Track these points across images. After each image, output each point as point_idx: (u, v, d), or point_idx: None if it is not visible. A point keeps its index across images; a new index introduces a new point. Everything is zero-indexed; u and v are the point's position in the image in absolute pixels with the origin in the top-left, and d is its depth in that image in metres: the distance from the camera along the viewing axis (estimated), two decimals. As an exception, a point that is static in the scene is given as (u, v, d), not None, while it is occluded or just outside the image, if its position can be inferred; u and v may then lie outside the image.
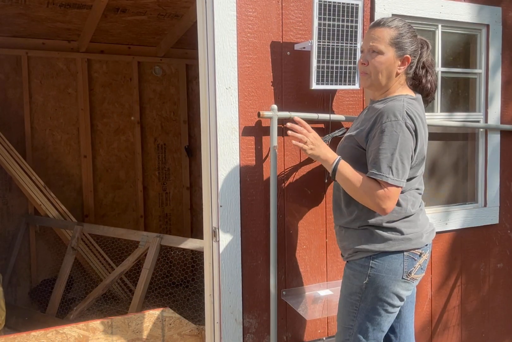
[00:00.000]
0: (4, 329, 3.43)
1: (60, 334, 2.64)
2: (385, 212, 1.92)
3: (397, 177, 1.89)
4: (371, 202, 1.92)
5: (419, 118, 1.97)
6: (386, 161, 1.89)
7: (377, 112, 1.97)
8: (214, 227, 2.33)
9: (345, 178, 1.96)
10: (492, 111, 3.05)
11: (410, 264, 2.02)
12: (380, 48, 1.99)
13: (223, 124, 2.28)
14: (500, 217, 3.13)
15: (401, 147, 1.89)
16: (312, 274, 2.55)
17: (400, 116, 1.91)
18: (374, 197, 1.90)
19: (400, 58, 2.01)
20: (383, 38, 1.99)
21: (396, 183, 1.89)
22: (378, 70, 2.00)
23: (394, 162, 1.89)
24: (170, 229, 5.48)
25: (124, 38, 4.95)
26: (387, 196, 1.90)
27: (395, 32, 1.99)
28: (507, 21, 3.05)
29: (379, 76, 2.02)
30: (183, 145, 5.47)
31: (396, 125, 1.90)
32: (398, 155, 1.89)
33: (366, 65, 2.02)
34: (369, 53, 2.02)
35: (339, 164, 1.98)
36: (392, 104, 1.96)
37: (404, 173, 1.91)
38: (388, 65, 2.00)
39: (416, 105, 2.01)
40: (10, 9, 4.04)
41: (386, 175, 1.88)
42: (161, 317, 2.81)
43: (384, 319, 2.05)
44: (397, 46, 1.99)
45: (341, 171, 1.97)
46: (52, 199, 4.53)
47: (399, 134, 1.89)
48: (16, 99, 4.68)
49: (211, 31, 2.25)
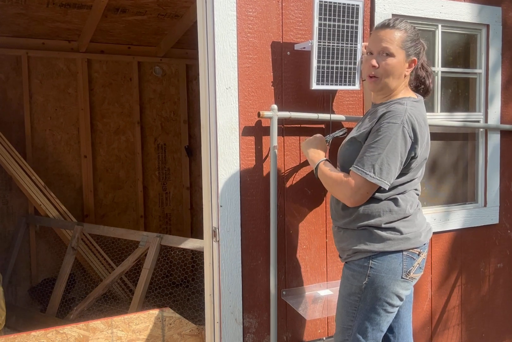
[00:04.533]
0: (4, 329, 3.43)
1: (60, 334, 2.64)
2: (350, 203, 1.97)
3: (378, 175, 1.90)
4: (341, 192, 1.97)
5: (421, 122, 1.98)
6: (371, 160, 1.91)
7: (380, 114, 1.98)
8: (214, 227, 2.33)
9: (324, 173, 2.06)
10: (492, 111, 3.05)
11: (409, 263, 2.02)
12: (392, 51, 1.98)
13: (223, 124, 2.28)
14: (500, 217, 3.13)
15: (390, 149, 1.90)
16: (312, 274, 2.55)
17: (400, 120, 1.91)
18: (347, 187, 1.95)
19: (408, 61, 2.01)
20: (394, 40, 1.98)
21: (374, 181, 1.91)
22: (389, 73, 1.99)
23: (378, 162, 1.90)
24: (170, 229, 5.48)
25: (124, 38, 4.95)
26: (358, 189, 1.93)
27: (404, 34, 1.99)
28: (507, 21, 3.05)
29: (390, 80, 2.01)
30: (183, 145, 5.47)
31: (392, 128, 1.91)
32: (385, 156, 1.90)
33: (377, 68, 2.00)
34: (379, 56, 2.00)
35: (323, 162, 2.10)
36: (395, 108, 1.96)
37: (388, 174, 1.91)
38: (399, 68, 2.00)
39: (419, 108, 2.02)
40: (10, 9, 4.05)
41: (366, 172, 1.91)
42: (161, 317, 2.81)
43: (383, 319, 2.05)
44: (406, 48, 1.99)
45: (322, 167, 2.08)
46: (52, 199, 4.53)
47: (392, 137, 1.90)
48: (16, 99, 4.69)
49: (211, 31, 2.25)
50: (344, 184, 1.95)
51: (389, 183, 1.93)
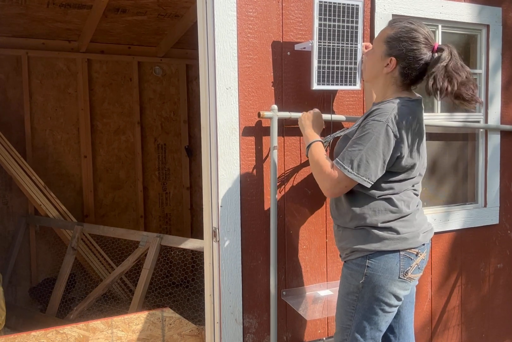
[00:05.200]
0: (4, 329, 3.43)
1: (60, 334, 2.64)
2: (329, 195, 2.04)
3: (356, 171, 1.92)
4: (321, 182, 2.01)
5: (412, 121, 1.97)
6: (351, 155, 1.93)
7: (370, 111, 2.01)
8: (214, 227, 2.33)
9: (313, 156, 2.07)
10: (492, 111, 3.05)
11: (406, 264, 2.02)
12: (374, 45, 2.09)
13: (223, 124, 2.28)
14: (500, 217, 3.13)
15: (371, 147, 1.91)
16: (312, 274, 2.55)
17: (384, 119, 1.92)
18: (327, 178, 1.98)
19: (387, 57, 2.01)
20: (380, 35, 2.05)
21: (351, 176, 1.92)
22: (366, 64, 2.13)
23: (358, 158, 1.92)
24: (170, 229, 5.48)
25: (124, 38, 4.95)
26: (337, 182, 1.96)
27: (392, 31, 2.01)
28: (507, 21, 3.05)
29: (366, 70, 2.13)
30: (183, 145, 5.47)
31: (376, 126, 1.92)
32: (365, 152, 1.91)
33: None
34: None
35: (316, 143, 2.11)
36: (384, 106, 1.98)
37: (366, 170, 1.92)
38: (375, 61, 2.05)
39: (412, 107, 2.00)
40: (10, 9, 4.04)
41: (345, 166, 1.93)
42: (161, 317, 2.81)
43: (381, 318, 2.05)
44: (388, 44, 2.01)
45: (313, 149, 2.09)
46: (52, 199, 4.53)
47: (374, 135, 1.91)
48: (16, 99, 4.69)
49: (211, 31, 2.25)
50: (328, 175, 1.98)
51: (368, 180, 1.93)
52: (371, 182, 1.94)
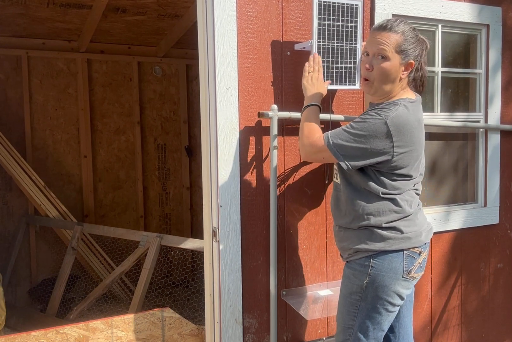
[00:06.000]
0: (4, 329, 3.43)
1: (60, 334, 2.64)
2: (304, 157, 2.19)
3: (336, 148, 1.99)
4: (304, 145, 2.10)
5: (414, 123, 1.98)
6: (340, 133, 2.00)
7: (372, 107, 2.03)
8: (214, 227, 2.33)
9: (305, 119, 2.15)
10: (492, 111, 3.05)
11: (410, 263, 2.02)
12: (387, 54, 1.96)
13: (223, 124, 2.28)
14: (500, 217, 3.13)
15: (356, 133, 1.96)
16: (312, 274, 2.55)
17: (384, 115, 1.94)
18: (312, 144, 2.07)
19: (404, 64, 2.00)
20: (390, 43, 1.96)
21: (329, 149, 2.00)
22: (382, 77, 1.99)
23: (343, 138, 1.98)
24: (170, 229, 5.48)
25: (124, 38, 4.95)
26: (318, 151, 2.05)
27: (401, 37, 1.97)
28: (507, 21, 3.05)
29: (383, 83, 2.00)
30: (183, 145, 5.47)
31: (375, 120, 1.94)
32: (352, 136, 1.96)
33: (371, 71, 2.00)
34: (374, 58, 1.99)
35: (313, 106, 2.17)
36: (388, 105, 1.99)
37: (346, 152, 1.98)
38: (393, 72, 1.99)
39: (413, 109, 2.01)
40: (10, 9, 4.05)
41: (330, 139, 2.01)
42: (161, 317, 2.81)
43: (384, 318, 2.05)
44: (403, 52, 1.98)
45: (308, 113, 2.17)
46: (52, 199, 4.53)
47: (366, 125, 1.95)
48: (16, 99, 4.69)
49: (211, 31, 2.25)
50: (314, 141, 2.06)
51: (347, 162, 1.98)
52: (348, 165, 1.98)
